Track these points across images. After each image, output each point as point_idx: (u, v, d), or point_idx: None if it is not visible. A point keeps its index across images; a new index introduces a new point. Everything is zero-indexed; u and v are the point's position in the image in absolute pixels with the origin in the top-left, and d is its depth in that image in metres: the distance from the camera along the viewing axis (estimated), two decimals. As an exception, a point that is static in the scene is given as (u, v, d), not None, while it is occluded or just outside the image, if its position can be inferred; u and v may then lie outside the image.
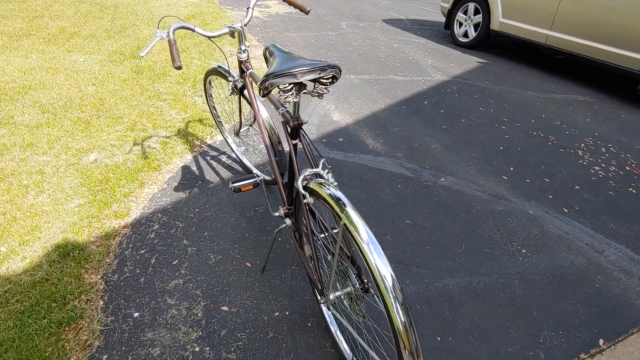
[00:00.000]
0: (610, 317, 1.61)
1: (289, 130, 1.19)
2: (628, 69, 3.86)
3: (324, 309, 1.41)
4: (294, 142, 1.19)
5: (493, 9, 5.06)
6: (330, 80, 1.04)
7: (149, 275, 1.61)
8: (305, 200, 1.10)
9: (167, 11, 5.92)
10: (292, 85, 1.00)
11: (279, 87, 0.99)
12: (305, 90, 1.04)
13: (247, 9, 1.52)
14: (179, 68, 1.28)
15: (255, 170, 2.18)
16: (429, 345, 1.42)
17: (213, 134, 2.68)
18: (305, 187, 1.11)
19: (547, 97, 3.97)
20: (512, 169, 2.62)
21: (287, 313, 1.50)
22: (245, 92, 1.71)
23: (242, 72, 1.64)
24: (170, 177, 2.21)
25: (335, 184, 1.12)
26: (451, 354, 1.40)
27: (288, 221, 1.50)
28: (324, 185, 1.07)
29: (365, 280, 1.11)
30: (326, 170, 1.13)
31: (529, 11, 4.67)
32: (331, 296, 1.14)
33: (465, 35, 5.59)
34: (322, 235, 1.23)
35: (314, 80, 1.01)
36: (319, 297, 1.21)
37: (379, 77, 4.08)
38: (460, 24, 5.64)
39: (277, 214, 1.54)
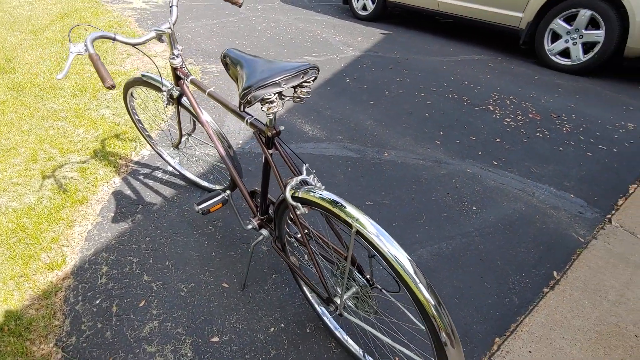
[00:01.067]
0: (555, 250, 1.84)
1: (264, 140, 1.09)
2: (510, 27, 4.34)
3: (327, 317, 1.38)
4: (270, 151, 1.09)
5: (387, -20, 5.25)
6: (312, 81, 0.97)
7: (114, 326, 1.40)
8: (299, 212, 1.03)
9: (31, 11, 5.03)
10: (276, 94, 0.90)
11: (263, 99, 0.89)
12: (287, 97, 0.95)
13: (171, 7, 1.34)
14: (112, 87, 1.08)
15: (204, 183, 2.00)
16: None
17: (137, 149, 2.39)
18: (294, 198, 1.04)
19: (450, 60, 4.30)
20: (441, 133, 2.80)
21: (283, 325, 1.43)
22: (184, 100, 1.52)
23: (177, 79, 1.45)
24: (102, 207, 1.93)
25: (323, 187, 1.07)
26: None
27: (265, 232, 1.41)
28: (313, 191, 1.02)
29: (369, 277, 1.10)
30: (312, 176, 1.07)
31: (419, -20, 4.95)
32: (339, 300, 1.11)
33: (364, 8, 5.74)
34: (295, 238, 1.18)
35: (295, 85, 0.93)
36: (327, 306, 1.17)
37: (295, 59, 4.00)
38: (358, -2, 5.77)
39: (249, 226, 1.44)
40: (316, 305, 1.41)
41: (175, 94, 1.49)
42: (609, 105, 3.37)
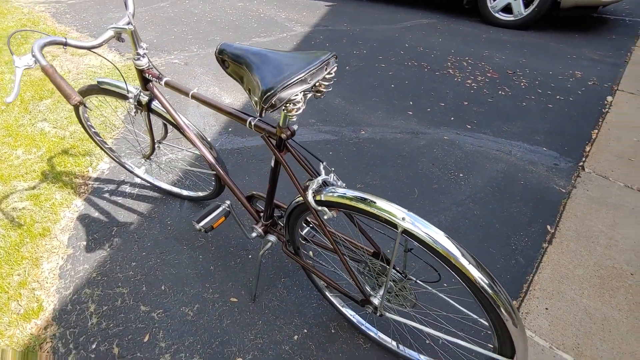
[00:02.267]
0: (543, 205, 1.91)
1: (274, 142, 0.97)
2: (453, -13, 4.37)
3: (350, 314, 1.33)
4: (282, 154, 0.98)
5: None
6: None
7: (121, 370, 1.25)
8: (325, 217, 0.94)
9: None
10: (302, 93, 0.78)
11: (289, 100, 0.77)
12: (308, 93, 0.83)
13: (125, -2, 1.13)
14: (80, 103, 0.90)
15: (185, 192, 1.82)
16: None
17: (94, 164, 2.12)
18: (318, 202, 0.95)
19: (400, 27, 4.27)
20: (411, 103, 2.78)
21: (306, 330, 1.36)
22: (155, 105, 1.33)
23: (145, 82, 1.26)
24: (69, 237, 1.70)
25: (344, 184, 0.98)
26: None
27: (272, 238, 1.31)
28: (338, 192, 0.93)
29: (398, 269, 1.04)
30: (332, 175, 0.98)
31: (357, -54, 4.79)
32: (376, 301, 1.05)
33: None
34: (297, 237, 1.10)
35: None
36: (362, 308, 1.11)
37: (244, 42, 3.76)
38: (295, -30, 5.50)
39: (254, 234, 1.33)
40: (338, 305, 1.35)
41: (144, 99, 1.30)
42: (555, 57, 3.54)
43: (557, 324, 1.39)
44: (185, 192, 1.81)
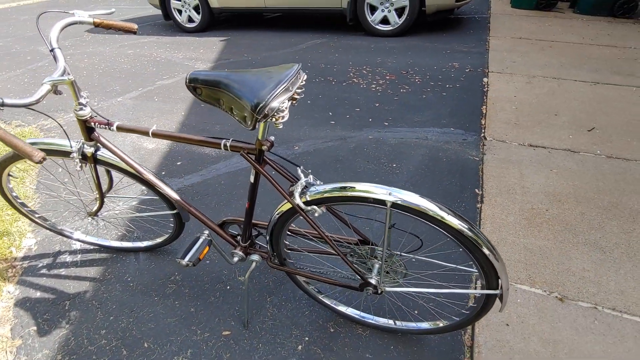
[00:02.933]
0: (466, 173, 2.22)
1: (254, 157, 1.02)
2: (335, 8, 4.81)
3: (343, 308, 1.40)
4: (261, 167, 1.02)
5: (205, -12, 5.14)
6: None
7: None
8: (316, 214, 1.02)
9: None
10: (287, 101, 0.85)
11: (278, 109, 0.82)
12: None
13: (52, 50, 1.09)
14: (44, 159, 0.85)
15: (144, 243, 1.71)
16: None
17: (17, 242, 1.87)
18: (306, 203, 1.02)
19: (297, 49, 4.55)
20: (330, 113, 2.99)
21: (307, 338, 1.39)
22: (102, 154, 1.27)
23: (89, 132, 1.20)
24: (12, 327, 1.48)
25: (319, 181, 1.07)
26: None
27: (255, 257, 1.33)
28: (317, 189, 1.02)
29: (382, 249, 1.16)
30: (310, 176, 1.06)
31: (238, -18, 5.01)
32: (373, 281, 1.15)
33: (190, 20, 5.53)
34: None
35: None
36: (362, 291, 1.18)
37: (148, 87, 3.65)
38: (180, 11, 5.51)
39: (236, 259, 1.33)
40: (332, 305, 1.41)
41: (89, 150, 1.23)
42: (433, 54, 4.11)
43: (509, 264, 1.64)
44: (144, 243, 1.70)
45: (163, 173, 2.34)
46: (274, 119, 0.85)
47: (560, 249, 1.70)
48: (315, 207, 1.01)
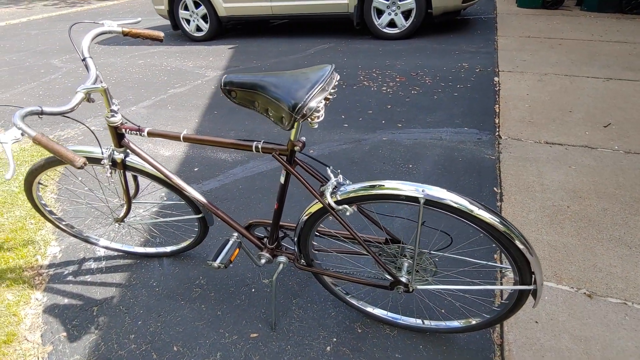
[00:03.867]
0: (483, 172, 2.21)
1: (285, 158, 1.03)
2: (342, 13, 4.85)
3: (371, 309, 1.40)
4: (292, 167, 1.04)
5: (212, -3, 5.21)
6: None
7: None
8: (347, 213, 1.03)
9: None
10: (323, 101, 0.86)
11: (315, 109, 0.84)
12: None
13: (84, 59, 1.12)
14: (85, 164, 0.87)
15: (169, 249, 1.72)
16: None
17: (42, 250, 1.90)
18: (337, 202, 1.03)
19: (306, 54, 4.58)
20: (343, 116, 3.01)
21: (335, 339, 1.39)
22: (131, 160, 1.29)
23: (119, 138, 1.22)
24: (42, 333, 1.50)
25: (349, 181, 1.08)
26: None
27: (283, 259, 1.34)
28: (347, 189, 1.03)
29: (412, 247, 1.16)
30: (340, 176, 1.07)
31: (245, -10, 5.06)
32: (404, 279, 1.15)
33: (199, 29, 5.60)
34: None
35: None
36: (393, 290, 1.18)
37: (161, 96, 3.70)
38: (188, 21, 5.59)
39: (263, 261, 1.34)
40: (359, 305, 1.41)
41: (119, 157, 1.25)
42: (442, 55, 4.12)
43: (534, 261, 1.62)
44: (168, 249, 1.72)
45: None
46: (310, 119, 0.86)
47: (584, 245, 1.69)
48: (346, 206, 1.02)
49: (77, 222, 2.07)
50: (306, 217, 1.15)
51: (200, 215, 1.48)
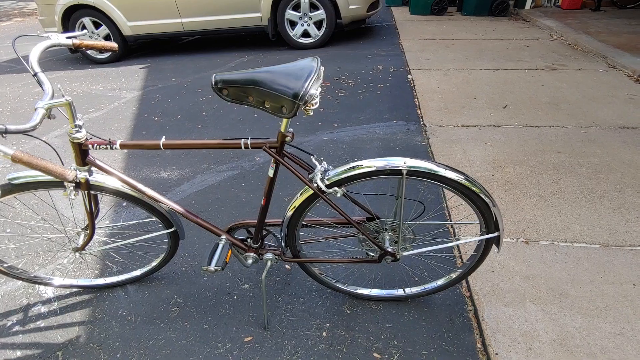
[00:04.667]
0: (418, 156, 2.43)
1: (275, 150, 1.07)
2: (256, 26, 4.94)
3: (353, 288, 1.49)
4: (281, 159, 1.08)
5: (114, 16, 4.92)
6: None
7: None
8: (338, 195, 1.11)
9: None
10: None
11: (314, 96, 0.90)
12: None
13: (35, 75, 1.03)
14: (77, 177, 0.83)
15: (138, 272, 1.61)
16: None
17: (-30, 306, 1.63)
18: (327, 186, 1.11)
19: (227, 68, 4.56)
20: (280, 123, 3.08)
21: (328, 324, 1.45)
22: (96, 178, 1.21)
23: (83, 156, 1.14)
24: (-1, 394, 1.30)
25: (331, 167, 1.17)
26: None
27: (269, 255, 1.37)
28: (333, 173, 1.12)
29: (393, 220, 1.28)
30: (324, 162, 1.15)
31: (151, 7, 4.87)
32: (391, 249, 1.26)
33: (102, 50, 5.20)
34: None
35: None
36: (381, 261, 1.29)
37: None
38: (88, 42, 5.16)
39: (250, 261, 1.36)
40: (346, 288, 1.49)
41: (84, 175, 1.16)
42: (357, 60, 4.44)
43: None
44: (139, 271, 1.61)
45: (124, 204, 2.21)
46: (308, 106, 0.93)
47: (513, 204, 1.99)
48: (336, 188, 1.10)
49: (21, 260, 1.81)
50: (295, 207, 1.20)
51: (172, 230, 1.43)
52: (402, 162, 1.07)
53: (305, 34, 4.99)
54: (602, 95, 3.18)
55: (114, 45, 1.20)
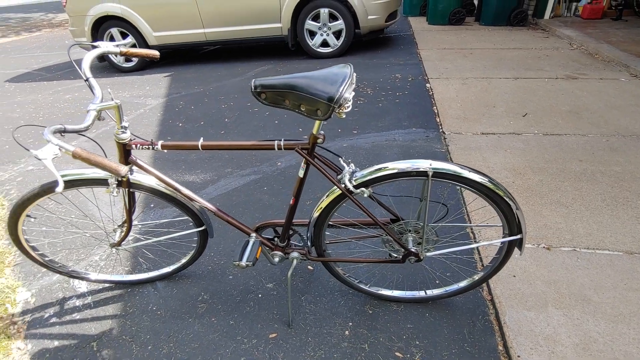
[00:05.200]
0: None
1: (307, 151, 1.13)
2: (276, 36, 5.06)
3: (375, 289, 1.52)
4: (312, 160, 1.14)
5: (140, 27, 5.11)
6: None
7: None
8: (365, 195, 1.16)
9: None
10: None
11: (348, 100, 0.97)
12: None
13: (87, 80, 1.12)
14: (129, 171, 0.90)
15: (169, 269, 1.68)
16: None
17: (11, 297, 1.73)
18: (355, 186, 1.16)
19: (247, 77, 4.69)
20: (300, 129, 3.15)
21: (351, 323, 1.49)
22: (136, 177, 1.29)
23: (127, 155, 1.22)
24: (39, 381, 1.38)
25: (358, 168, 1.22)
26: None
27: (295, 254, 1.42)
28: (361, 174, 1.17)
29: (417, 222, 1.32)
30: (352, 164, 1.20)
31: (176, 18, 5.05)
32: (414, 249, 1.30)
33: (128, 60, 5.42)
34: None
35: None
36: (405, 261, 1.32)
37: (103, 128, 3.53)
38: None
39: (277, 259, 1.41)
40: (368, 289, 1.53)
41: (126, 175, 1.24)
42: (376, 68, 4.50)
43: (496, 230, 1.89)
44: (170, 268, 1.68)
45: (152, 205, 2.30)
46: (342, 109, 0.99)
47: (534, 210, 2.00)
48: (363, 189, 1.15)
49: (61, 254, 1.91)
50: (322, 207, 1.25)
51: (202, 228, 1.49)
52: (427, 164, 1.11)
53: (324, 44, 5.09)
54: (625, 104, 3.15)
55: (156, 53, 1.29)
